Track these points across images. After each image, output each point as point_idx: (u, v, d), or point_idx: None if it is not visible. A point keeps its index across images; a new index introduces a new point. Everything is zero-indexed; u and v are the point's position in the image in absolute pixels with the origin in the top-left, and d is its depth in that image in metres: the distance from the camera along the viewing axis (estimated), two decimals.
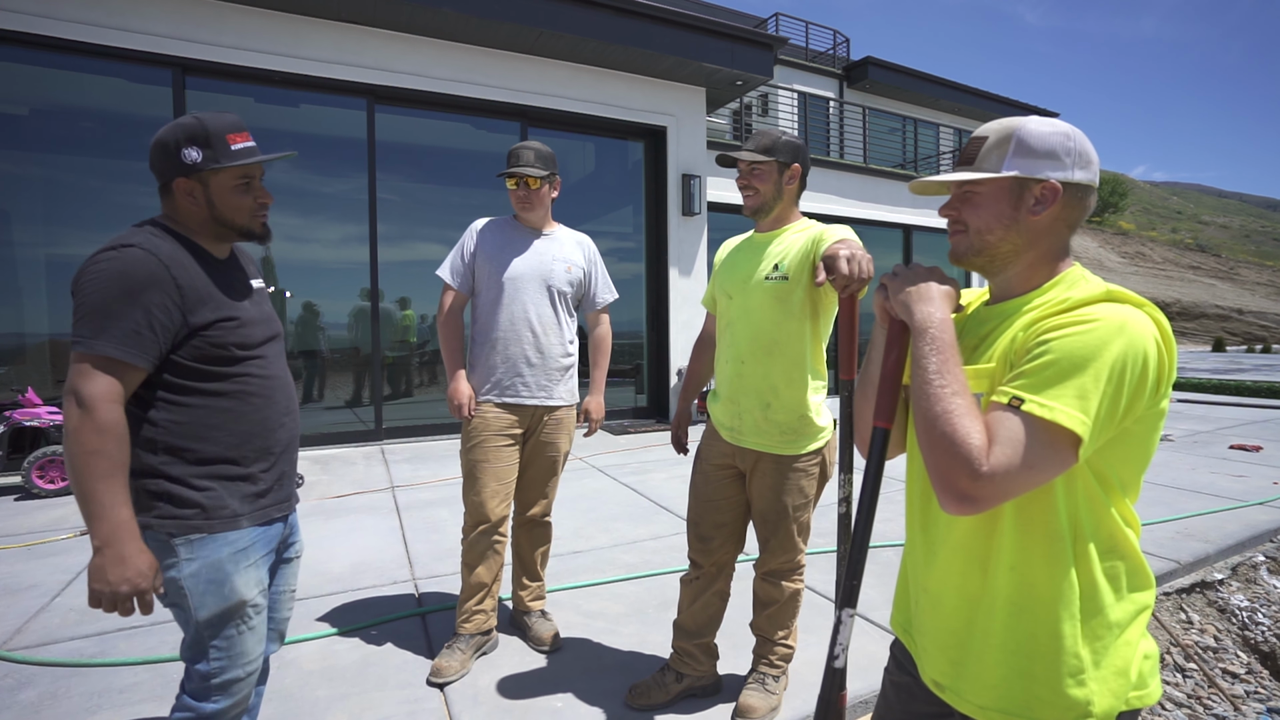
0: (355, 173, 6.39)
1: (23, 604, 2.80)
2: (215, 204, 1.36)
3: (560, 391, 2.42)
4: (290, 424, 1.48)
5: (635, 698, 2.05)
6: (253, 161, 1.36)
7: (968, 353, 1.00)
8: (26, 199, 5.30)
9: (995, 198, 0.96)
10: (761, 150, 1.88)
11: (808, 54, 15.97)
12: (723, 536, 2.04)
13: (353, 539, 3.62)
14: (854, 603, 1.04)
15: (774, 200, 1.92)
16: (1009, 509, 0.91)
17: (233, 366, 1.36)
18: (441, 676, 2.18)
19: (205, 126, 1.32)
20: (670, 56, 7.08)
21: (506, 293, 2.34)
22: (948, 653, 1.00)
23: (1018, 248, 0.96)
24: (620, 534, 3.71)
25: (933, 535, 1.03)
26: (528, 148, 2.36)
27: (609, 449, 6.17)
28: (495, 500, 2.31)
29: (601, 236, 8.16)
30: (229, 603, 1.33)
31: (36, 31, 5.04)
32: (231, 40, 5.63)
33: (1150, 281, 40.11)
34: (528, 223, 2.44)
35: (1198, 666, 2.46)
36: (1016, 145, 0.94)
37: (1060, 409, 0.81)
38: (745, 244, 2.04)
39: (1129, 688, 0.90)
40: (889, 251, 11.05)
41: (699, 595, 2.07)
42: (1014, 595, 0.92)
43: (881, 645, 2.44)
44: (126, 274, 1.23)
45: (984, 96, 15.75)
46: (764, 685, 2.02)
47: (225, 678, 1.36)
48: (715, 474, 2.03)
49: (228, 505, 1.34)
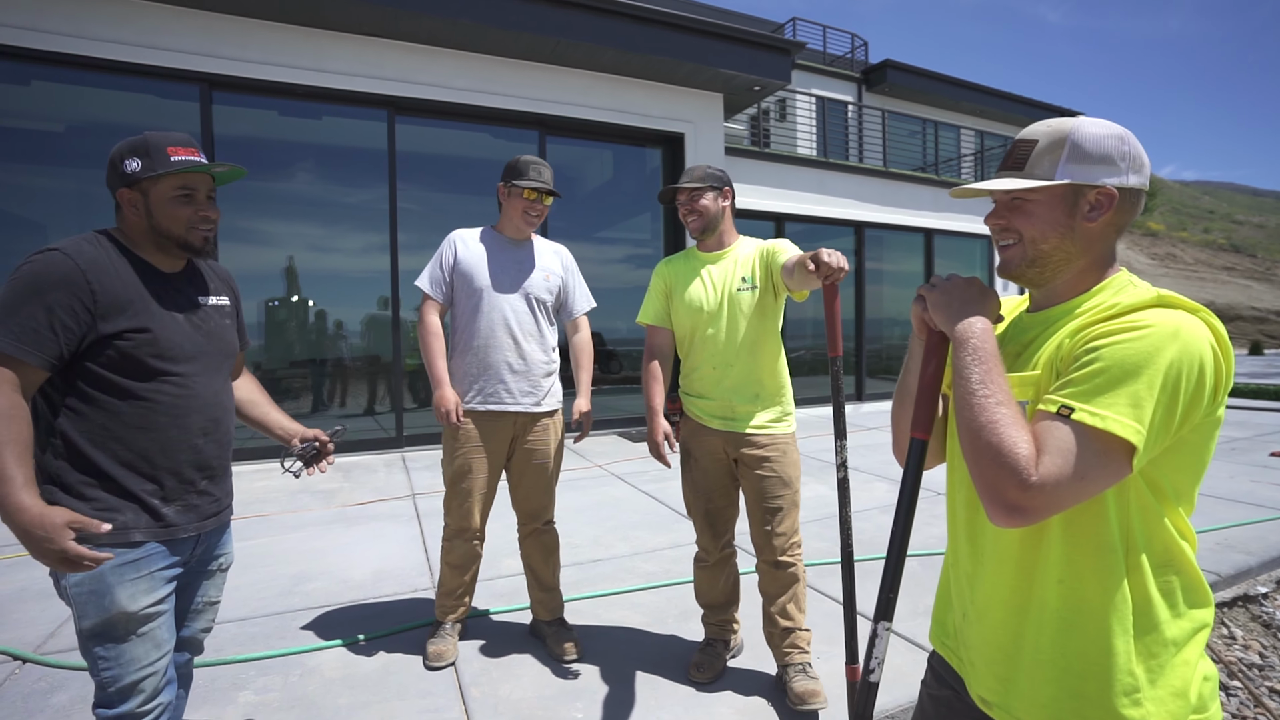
0: (376, 183, 6.48)
1: (56, 609, 2.85)
2: (154, 213, 1.39)
3: (543, 398, 2.44)
4: (206, 445, 1.46)
5: (701, 673, 2.21)
6: (186, 170, 1.37)
7: (1010, 360, 0.97)
8: (63, 213, 5.46)
9: (1050, 205, 0.92)
10: (696, 180, 2.19)
11: (825, 58, 15.89)
12: (728, 518, 2.27)
13: (374, 546, 3.64)
14: (890, 616, 1.03)
15: (716, 220, 2.21)
16: (1058, 520, 0.88)
17: (144, 381, 1.36)
18: (441, 660, 2.34)
19: (146, 140, 1.38)
20: (687, 63, 7.08)
21: (486, 301, 2.37)
22: (995, 668, 0.96)
23: (1071, 256, 0.93)
24: (640, 542, 3.69)
25: (979, 547, 1.00)
26: (545, 166, 2.41)
27: (628, 456, 6.15)
28: (478, 509, 2.41)
29: (619, 244, 8.18)
30: (109, 614, 1.33)
31: (70, 51, 5.20)
32: (256, 55, 5.75)
33: (1182, 284, 39.18)
34: (513, 234, 2.46)
35: (1242, 684, 2.37)
36: (1071, 150, 0.90)
37: (1113, 417, 0.77)
38: (694, 263, 2.27)
39: (1188, 710, 0.85)
40: (910, 256, 10.92)
41: (719, 574, 2.29)
42: (1064, 610, 0.89)
43: (908, 658, 2.39)
44: (38, 275, 1.27)
45: (1005, 98, 15.53)
46: (807, 673, 2.13)
47: (122, 684, 1.36)
48: (713, 467, 2.22)
49: (116, 517, 1.33)
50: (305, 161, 6.34)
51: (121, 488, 1.35)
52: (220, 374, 1.53)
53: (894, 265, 10.83)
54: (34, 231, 5.42)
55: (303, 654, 2.45)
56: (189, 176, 1.40)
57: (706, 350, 2.18)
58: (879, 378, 10.38)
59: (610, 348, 8.10)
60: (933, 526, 3.91)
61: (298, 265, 6.33)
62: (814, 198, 9.50)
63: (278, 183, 6.22)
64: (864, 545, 3.58)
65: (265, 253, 6.24)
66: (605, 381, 8.03)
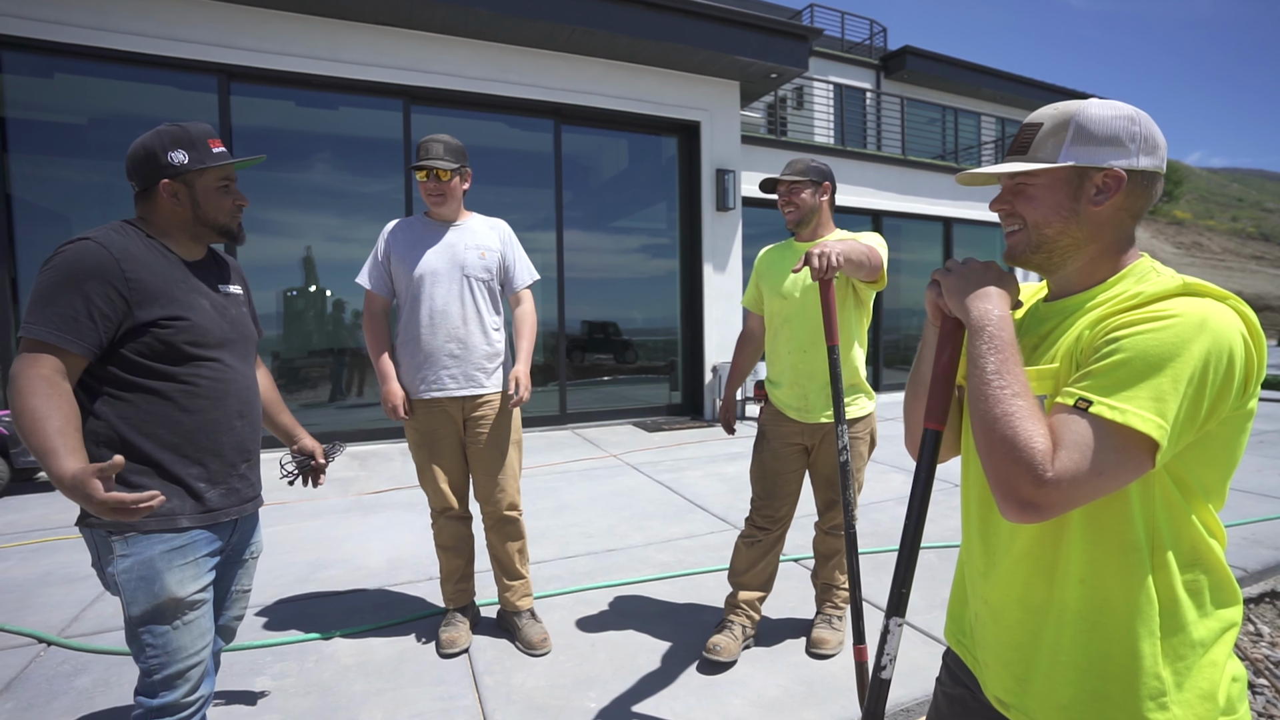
0: (392, 173, 6.49)
1: (79, 593, 2.91)
2: (200, 203, 1.44)
3: (486, 380, 2.40)
4: (243, 428, 1.50)
5: (719, 653, 2.24)
6: (231, 163, 1.47)
7: (1028, 352, 0.94)
8: (87, 205, 5.54)
9: (1052, 189, 0.89)
10: (797, 173, 2.28)
11: (844, 45, 15.66)
12: (790, 503, 2.36)
13: (389, 535, 3.67)
14: (903, 611, 1.00)
15: (812, 214, 2.30)
16: (1078, 516, 0.85)
17: (182, 365, 1.39)
18: (455, 647, 2.37)
19: (189, 132, 1.42)
20: (703, 51, 7.00)
21: (423, 289, 2.34)
22: (1012, 669, 0.93)
23: (1078, 241, 0.89)
24: (654, 533, 3.68)
25: (993, 544, 0.96)
26: (437, 140, 2.34)
27: (643, 446, 6.15)
28: (448, 490, 2.43)
29: (635, 233, 8.14)
30: (159, 600, 1.34)
31: (92, 44, 5.25)
32: (273, 46, 5.77)
33: (1208, 273, 38.30)
34: (439, 216, 2.43)
35: (1268, 682, 2.31)
36: (1075, 132, 0.86)
37: (1133, 412, 0.74)
38: (788, 251, 2.39)
39: (1217, 712, 0.82)
40: (929, 244, 10.77)
41: (763, 555, 2.36)
42: (1085, 610, 0.85)
43: (924, 651, 2.36)
44: (72, 263, 1.29)
45: (1027, 84, 15.21)
46: (831, 624, 2.40)
47: (166, 673, 1.36)
48: (785, 451, 2.33)
49: (164, 505, 1.33)
50: (322, 152, 6.37)
51: (167, 472, 1.37)
52: (249, 360, 1.58)
53: (912, 254, 10.68)
54: (57, 223, 5.50)
55: (319, 641, 2.47)
56: (228, 168, 1.48)
57: (782, 337, 2.31)
58: (896, 368, 10.27)
59: (626, 338, 8.08)
60: (949, 519, 3.86)
61: (315, 255, 6.37)
62: None
63: (295, 173, 6.25)
64: (879, 537, 3.54)
65: (283, 243, 6.28)
66: (620, 371, 8.02)
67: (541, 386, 7.17)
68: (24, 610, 2.74)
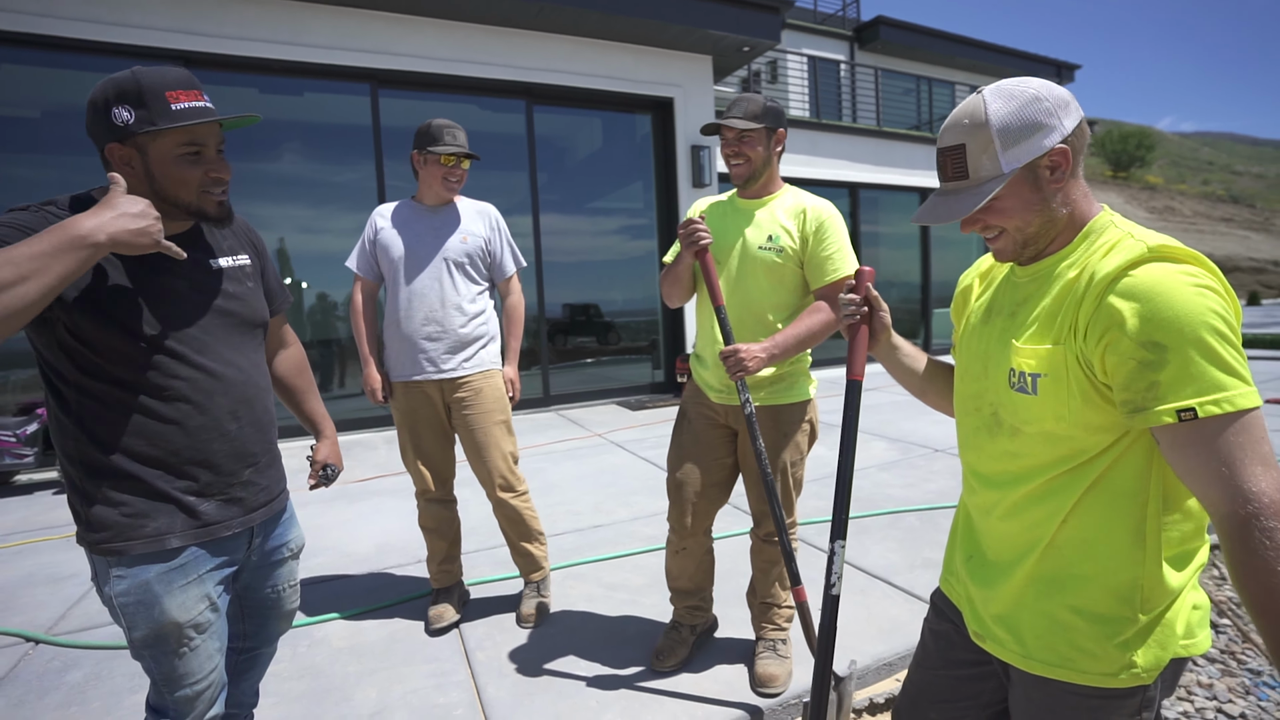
0: (362, 160, 6.38)
1: (65, 591, 2.89)
2: (155, 176, 1.13)
3: (465, 363, 2.39)
4: (241, 431, 1.26)
5: (661, 661, 2.08)
6: (196, 123, 1.10)
7: (1005, 319, 0.99)
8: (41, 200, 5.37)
9: (1016, 194, 0.91)
10: (751, 117, 1.85)
11: (816, 16, 15.54)
12: (710, 497, 2.03)
13: (376, 521, 3.67)
14: (844, 535, 1.22)
15: (764, 168, 1.91)
16: (1080, 470, 0.90)
17: (156, 369, 1.16)
18: (443, 621, 2.41)
19: (139, 82, 1.09)
20: (675, 25, 6.94)
21: (404, 272, 2.36)
22: (991, 606, 1.00)
23: (1055, 220, 0.93)
24: (640, 507, 3.72)
25: (989, 495, 1.02)
26: (458, 128, 2.34)
27: (627, 424, 6.18)
28: (429, 473, 2.45)
29: (612, 214, 8.10)
30: (160, 625, 1.18)
31: (39, 31, 5.07)
32: (233, 31, 5.62)
33: (1181, 236, 38.84)
34: (433, 201, 2.41)
35: (1231, 621, 2.42)
36: (1001, 139, 0.88)
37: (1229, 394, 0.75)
38: (728, 208, 2.00)
39: (1177, 640, 0.89)
40: (905, 216, 10.82)
41: (691, 560, 2.09)
42: (1065, 546, 0.92)
43: (906, 609, 2.43)
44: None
45: (1001, 51, 15.24)
46: (776, 651, 2.04)
47: (175, 695, 1.24)
48: (706, 433, 2.01)
49: (148, 523, 1.16)
50: (290, 141, 6.23)
51: (151, 488, 1.17)
52: (243, 348, 1.30)
53: (890, 227, 10.75)
54: None
55: (310, 625, 2.49)
56: (196, 130, 1.13)
57: (709, 310, 1.93)
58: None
59: (608, 319, 8.08)
60: (930, 482, 3.95)
61: (289, 248, 6.26)
62: (807, 159, 9.38)
63: (262, 164, 6.12)
64: (861, 503, 3.61)
65: None
66: (603, 353, 8.03)
67: (525, 370, 7.15)
68: (9, 611, 2.72)
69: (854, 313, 1.24)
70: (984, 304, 1.07)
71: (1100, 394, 0.85)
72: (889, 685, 2.09)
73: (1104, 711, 0.90)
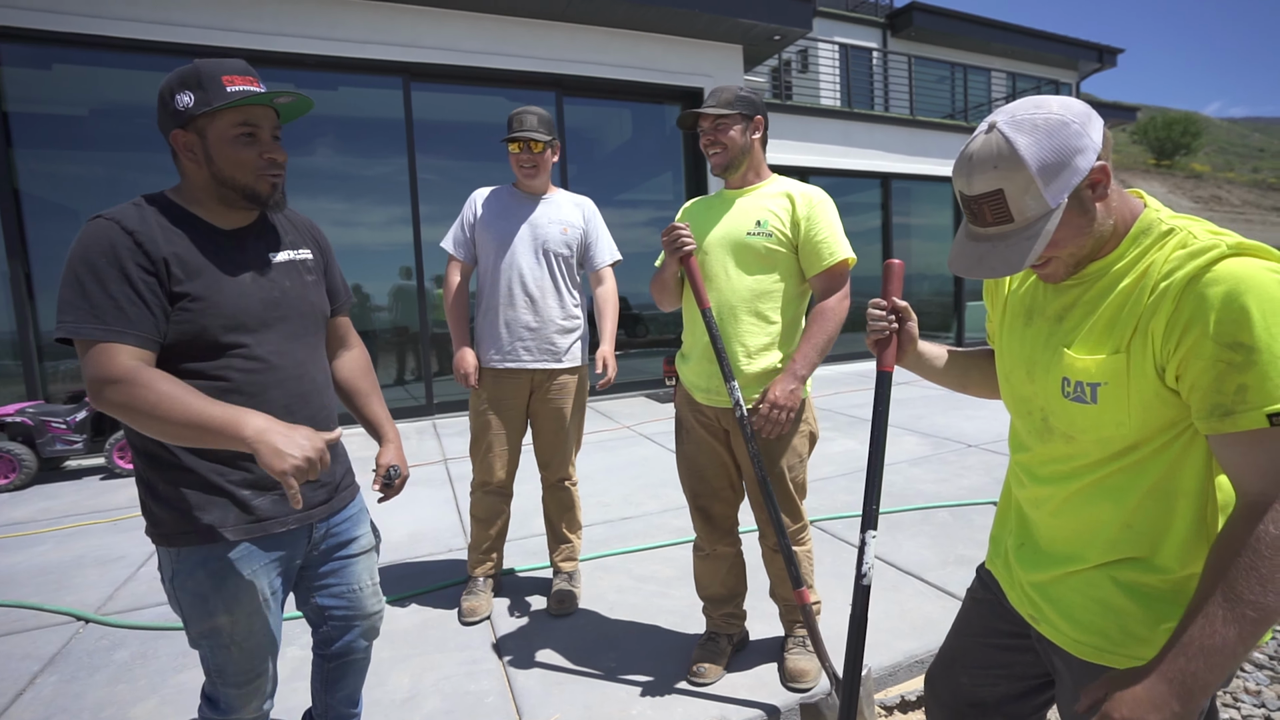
0: (395, 154, 6.46)
1: (113, 574, 3.00)
2: (214, 158, 1.18)
3: (562, 355, 2.42)
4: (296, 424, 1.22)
5: (702, 676, 1.98)
6: (246, 102, 1.16)
7: (1049, 323, 0.97)
8: (94, 198, 5.56)
9: (1066, 224, 0.87)
10: (723, 105, 1.85)
11: (849, 3, 15.24)
12: (725, 499, 2.01)
13: (409, 510, 3.73)
14: (875, 525, 1.21)
15: (742, 155, 1.89)
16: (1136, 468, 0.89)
17: (213, 358, 1.18)
18: (475, 615, 2.39)
19: (198, 69, 1.15)
20: (705, 14, 6.86)
21: (503, 259, 2.37)
22: (1046, 591, 1.01)
23: (1104, 233, 0.89)
24: (669, 499, 3.72)
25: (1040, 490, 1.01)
26: (530, 112, 2.36)
27: (655, 416, 6.18)
28: (499, 463, 2.43)
29: (641, 206, 8.08)
30: (213, 619, 1.21)
31: (89, 31, 5.22)
32: (269, 27, 5.72)
33: (1229, 226, 37.19)
34: (528, 189, 2.45)
35: None
36: (1042, 175, 0.83)
37: None
38: (716, 200, 1.98)
39: None
40: (939, 208, 10.60)
41: (721, 565, 2.06)
42: (1124, 544, 0.91)
43: (938, 605, 2.39)
44: (89, 247, 1.10)
45: (1038, 36, 14.76)
46: (805, 647, 2.02)
47: (226, 690, 1.27)
48: (706, 440, 1.95)
49: (203, 516, 1.18)
50: (324, 135, 6.34)
51: (206, 481, 1.19)
52: (302, 341, 1.31)
53: (922, 218, 10.54)
54: (64, 216, 5.54)
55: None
56: (250, 110, 1.18)
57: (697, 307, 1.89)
58: None
59: (636, 311, 8.07)
60: (963, 478, 3.87)
61: None
62: (839, 150, 9.24)
63: (298, 158, 6.22)
64: (893, 498, 3.56)
65: None
66: (631, 345, 8.03)
67: None
68: (61, 591, 2.84)
69: (884, 329, 1.20)
70: (1023, 302, 1.04)
71: (1166, 396, 0.83)
72: (920, 683, 2.06)
73: None
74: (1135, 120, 16.89)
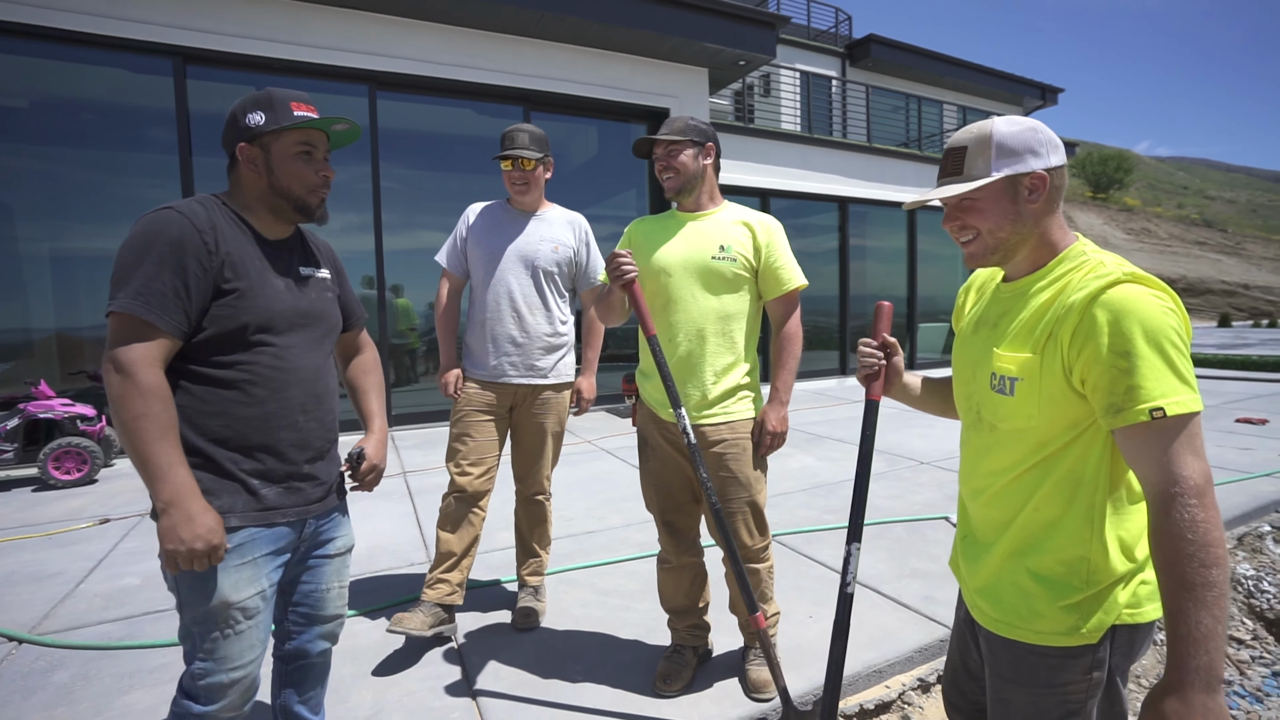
0: (358, 161, 6.37)
1: (48, 591, 2.85)
2: (275, 170, 1.34)
3: (548, 372, 2.44)
4: (308, 423, 1.39)
5: (668, 685, 2.01)
6: (307, 124, 1.33)
7: (988, 329, 1.12)
8: (29, 193, 5.30)
9: (995, 199, 1.04)
10: (676, 133, 1.95)
11: (810, 32, 15.79)
12: (689, 512, 2.07)
13: (368, 524, 3.66)
14: (860, 538, 1.29)
15: (695, 180, 1.97)
16: (1046, 463, 1.03)
17: (243, 351, 1.29)
18: (400, 625, 2.17)
19: (271, 95, 1.34)
20: (672, 37, 7.02)
21: (493, 275, 2.40)
22: (975, 580, 1.15)
23: (1025, 236, 1.06)
24: (632, 514, 3.75)
25: (976, 483, 1.16)
26: (522, 130, 2.40)
27: (616, 431, 6.20)
28: (474, 471, 2.36)
29: (605, 221, 8.13)
30: (212, 602, 1.25)
31: (35, 22, 5.02)
32: (233, 28, 5.60)
33: (1156, 258, 39.81)
34: (521, 205, 2.48)
35: None
36: (998, 149, 1.03)
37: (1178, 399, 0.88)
38: (668, 220, 2.04)
39: (1119, 608, 1.01)
40: (893, 232, 10.99)
41: (685, 577, 2.10)
42: (1031, 527, 1.06)
43: (894, 617, 2.48)
44: (156, 234, 1.21)
45: (988, 73, 15.56)
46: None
47: (209, 680, 1.28)
48: (670, 456, 2.00)
49: (213, 500, 1.25)
50: None
51: (220, 467, 1.27)
52: (321, 349, 1.44)
53: (877, 241, 10.90)
54: None
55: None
56: (310, 133, 1.36)
57: (665, 323, 1.95)
58: None
59: None
60: (916, 494, 4.02)
61: None
62: (798, 173, 9.50)
63: None
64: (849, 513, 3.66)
65: None
66: None
67: None
68: None
69: (873, 365, 1.32)
70: (975, 316, 1.20)
71: (1070, 395, 0.98)
72: (879, 692, 2.13)
73: (1058, 670, 1.02)
74: (1074, 155, 17.89)
